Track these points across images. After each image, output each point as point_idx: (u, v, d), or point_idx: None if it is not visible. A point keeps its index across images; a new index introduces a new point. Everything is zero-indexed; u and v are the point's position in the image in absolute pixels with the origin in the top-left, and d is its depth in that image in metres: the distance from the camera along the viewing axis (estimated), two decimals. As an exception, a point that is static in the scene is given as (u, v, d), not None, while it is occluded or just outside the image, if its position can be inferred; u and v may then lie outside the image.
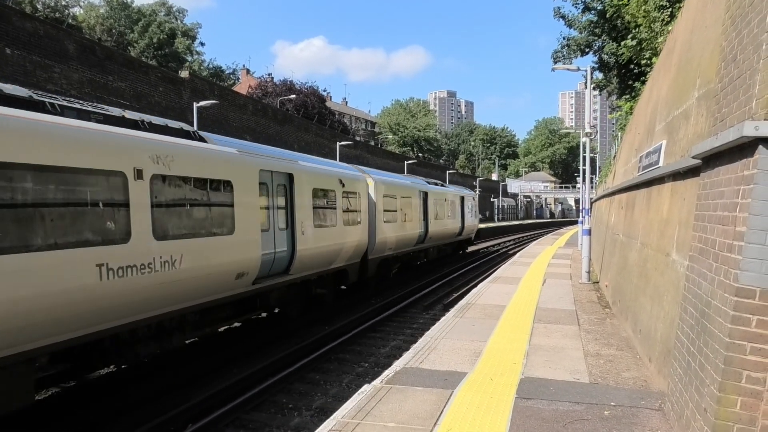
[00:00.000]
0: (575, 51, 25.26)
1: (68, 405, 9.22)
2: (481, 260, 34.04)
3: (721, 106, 5.27)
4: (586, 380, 7.39)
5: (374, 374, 9.98)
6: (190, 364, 11.34)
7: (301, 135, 50.52)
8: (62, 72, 25.70)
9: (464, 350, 8.91)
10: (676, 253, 7.05)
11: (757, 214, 4.29)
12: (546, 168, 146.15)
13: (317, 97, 67.92)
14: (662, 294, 7.54)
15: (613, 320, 11.42)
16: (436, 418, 6.03)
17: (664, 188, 8.34)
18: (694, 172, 6.40)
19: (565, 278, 17.99)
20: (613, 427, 5.76)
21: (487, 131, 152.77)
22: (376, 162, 61.33)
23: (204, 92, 36.57)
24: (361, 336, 14.31)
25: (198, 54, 79.93)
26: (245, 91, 63.01)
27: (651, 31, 15.83)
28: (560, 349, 8.95)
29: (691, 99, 7.21)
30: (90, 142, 7.87)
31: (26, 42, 23.86)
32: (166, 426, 8.32)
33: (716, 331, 4.61)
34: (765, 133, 4.17)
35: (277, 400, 9.74)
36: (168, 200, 9.33)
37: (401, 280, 24.22)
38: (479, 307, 12.76)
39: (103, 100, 26.91)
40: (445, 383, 7.20)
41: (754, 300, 4.28)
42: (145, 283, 8.61)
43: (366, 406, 6.40)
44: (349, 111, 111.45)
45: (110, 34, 66.22)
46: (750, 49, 4.62)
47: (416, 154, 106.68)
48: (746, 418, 4.30)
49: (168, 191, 9.35)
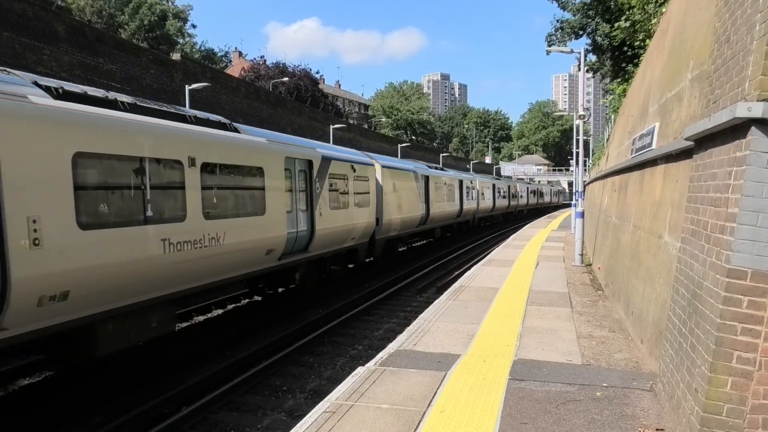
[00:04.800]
0: (569, 34, 25.17)
1: (57, 389, 9.23)
2: (474, 243, 34.12)
3: (714, 87, 5.26)
4: (579, 362, 7.44)
5: (368, 357, 10.02)
6: (184, 348, 11.36)
7: (294, 118, 50.25)
8: (52, 54, 25.40)
9: (458, 332, 8.95)
10: (668, 235, 7.08)
11: (749, 196, 4.30)
12: (539, 151, 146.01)
13: (310, 80, 67.51)
14: (654, 276, 7.58)
15: (605, 302, 11.49)
16: (430, 399, 6.06)
17: (657, 170, 8.35)
18: (686, 154, 6.40)
19: (558, 261, 18.06)
20: (604, 408, 5.81)
21: (481, 114, 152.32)
22: (369, 145, 61.07)
23: (196, 75, 36.25)
24: (355, 319, 14.36)
25: (190, 36, 79.00)
26: (238, 73, 62.55)
27: (644, 13, 15.77)
28: (553, 331, 9.00)
29: (684, 81, 7.19)
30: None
31: (15, 24, 23.55)
32: (159, 408, 8.35)
33: (708, 312, 4.64)
34: (758, 114, 4.16)
35: (270, 383, 9.78)
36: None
37: (401, 261, 24.28)
38: (473, 290, 12.80)
39: (93, 82, 26.65)
40: (438, 365, 7.23)
41: (745, 281, 4.30)
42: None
43: (360, 387, 6.43)
44: (343, 94, 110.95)
45: (100, 16, 65.43)
46: (743, 30, 4.60)
47: (410, 137, 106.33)
48: (736, 398, 4.34)
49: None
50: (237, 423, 8.16)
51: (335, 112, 70.76)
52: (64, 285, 7.46)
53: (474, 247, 31.60)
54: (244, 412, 8.61)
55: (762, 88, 4.18)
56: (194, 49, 77.92)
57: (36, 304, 7.11)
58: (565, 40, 25.35)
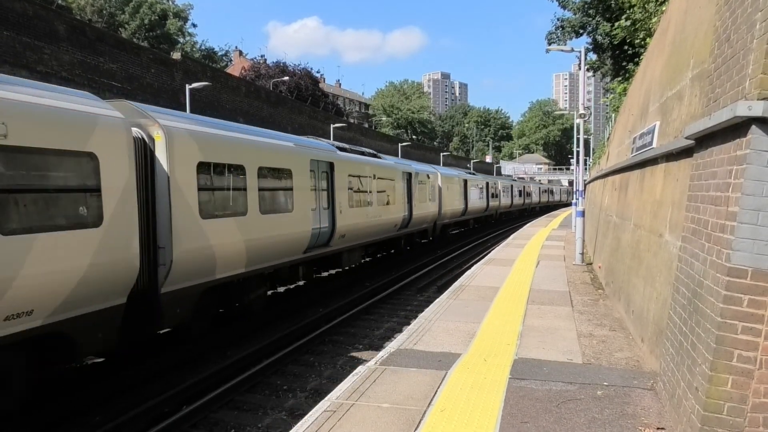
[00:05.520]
0: (569, 33, 25.18)
1: (58, 389, 9.23)
2: (475, 242, 34.12)
3: (715, 86, 5.26)
4: (579, 361, 7.44)
5: (369, 356, 10.02)
6: (185, 347, 11.35)
7: (294, 117, 50.25)
8: (53, 53, 25.40)
9: (458, 332, 8.95)
10: (668, 234, 7.07)
11: (749, 194, 4.30)
12: (540, 150, 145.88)
13: (311, 79, 67.48)
14: (655, 275, 7.57)
15: (606, 301, 11.49)
16: (431, 398, 6.06)
17: (658, 169, 8.35)
18: (687, 152, 6.40)
19: (558, 260, 18.05)
20: (605, 407, 5.81)
21: (481, 113, 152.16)
22: (369, 144, 61.11)
23: (196, 74, 36.25)
24: (355, 318, 14.36)
25: (190, 35, 78.95)
26: (238, 73, 62.54)
27: (645, 12, 15.77)
28: (554, 330, 9.00)
29: (684, 79, 7.19)
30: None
31: (15, 23, 23.56)
32: (160, 407, 8.35)
33: (708, 310, 4.63)
34: (758, 113, 4.16)
35: (271, 382, 9.79)
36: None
37: (395, 262, 24.29)
38: (473, 289, 12.80)
39: (94, 81, 26.68)
40: (439, 364, 7.24)
41: (745, 280, 4.30)
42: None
43: (361, 387, 6.44)
44: (343, 93, 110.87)
45: (100, 15, 65.40)
46: (744, 28, 4.60)
47: (410, 136, 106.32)
48: (737, 397, 4.34)
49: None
50: (237, 422, 8.16)
51: (336, 111, 70.74)
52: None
53: (474, 247, 31.59)
54: (245, 411, 8.61)
55: (762, 86, 4.18)
56: (195, 48, 77.87)
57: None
58: (566, 39, 25.36)
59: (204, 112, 27.98)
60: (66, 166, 7.56)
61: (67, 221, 7.47)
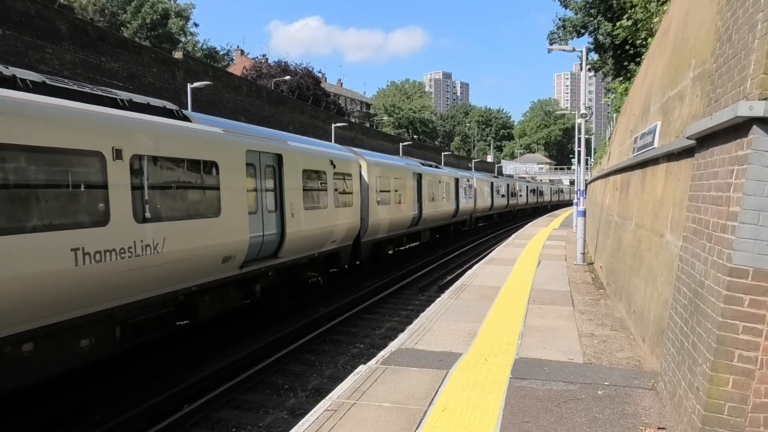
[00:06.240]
0: (571, 32, 25.21)
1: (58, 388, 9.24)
2: (476, 242, 34.11)
3: (716, 86, 5.26)
4: (580, 360, 7.44)
5: (369, 355, 10.03)
6: (185, 347, 11.37)
7: (295, 116, 50.27)
8: (54, 52, 25.43)
9: (459, 331, 8.96)
10: (670, 234, 7.07)
11: (750, 194, 4.30)
12: (541, 150, 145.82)
13: (312, 79, 67.47)
14: (656, 275, 7.57)
15: (607, 301, 11.49)
16: (432, 397, 6.07)
17: (659, 169, 8.35)
18: (688, 152, 6.40)
19: (559, 260, 18.05)
20: (606, 407, 5.81)
21: (483, 113, 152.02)
22: (371, 143, 61.13)
23: (198, 73, 36.28)
24: (357, 317, 14.37)
25: (192, 35, 79.00)
26: (239, 72, 62.55)
27: (646, 11, 15.77)
28: (555, 330, 9.00)
29: (686, 79, 7.19)
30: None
31: (17, 22, 23.58)
32: (161, 406, 8.37)
33: (709, 310, 4.64)
34: (759, 113, 4.16)
35: (272, 381, 9.80)
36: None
37: (396, 262, 24.29)
38: (474, 289, 12.81)
39: (96, 81, 26.67)
40: (440, 363, 7.24)
41: (746, 280, 4.30)
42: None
43: (362, 386, 6.44)
44: (344, 92, 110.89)
45: (102, 15, 65.45)
46: (745, 28, 4.60)
47: (411, 135, 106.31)
48: (738, 397, 4.34)
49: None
50: (239, 421, 8.17)
51: (337, 111, 70.78)
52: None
53: (475, 246, 31.57)
54: (246, 410, 8.63)
55: (763, 86, 4.18)
56: (196, 47, 77.92)
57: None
58: (567, 39, 25.38)
59: (205, 111, 27.91)
60: (347, 182, 17.43)
61: (345, 204, 17.12)
